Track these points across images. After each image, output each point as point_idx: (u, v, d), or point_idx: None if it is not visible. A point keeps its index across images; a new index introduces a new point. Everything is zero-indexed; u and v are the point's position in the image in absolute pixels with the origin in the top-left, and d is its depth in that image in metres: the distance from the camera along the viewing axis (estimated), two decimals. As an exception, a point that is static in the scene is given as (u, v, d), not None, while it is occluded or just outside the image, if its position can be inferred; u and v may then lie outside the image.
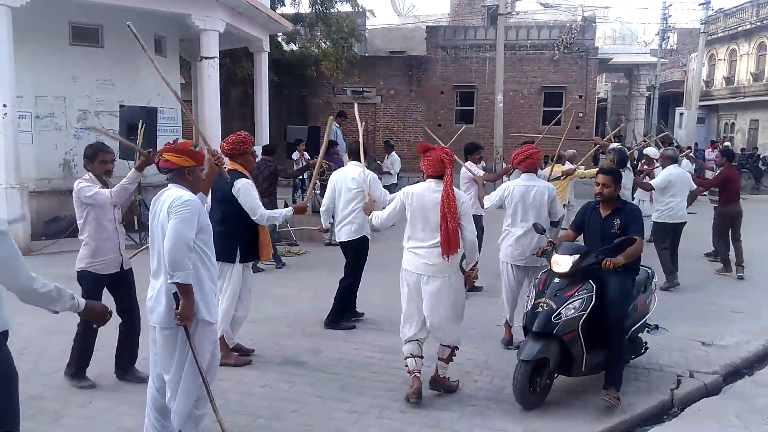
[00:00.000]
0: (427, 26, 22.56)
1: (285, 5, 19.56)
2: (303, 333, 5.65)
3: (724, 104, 30.88)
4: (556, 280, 4.36)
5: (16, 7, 8.41)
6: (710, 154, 20.03)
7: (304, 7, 19.53)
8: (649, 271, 5.00)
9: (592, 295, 4.23)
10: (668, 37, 29.46)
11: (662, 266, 7.64)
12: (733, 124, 30.56)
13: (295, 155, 13.27)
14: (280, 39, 19.21)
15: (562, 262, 4.34)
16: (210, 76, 10.69)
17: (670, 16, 28.50)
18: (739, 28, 28.89)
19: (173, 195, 3.23)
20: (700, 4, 24.20)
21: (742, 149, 25.13)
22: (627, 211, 4.55)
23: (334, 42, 19.15)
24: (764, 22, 27.08)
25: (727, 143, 23.98)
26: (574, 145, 17.58)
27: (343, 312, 5.90)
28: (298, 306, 6.35)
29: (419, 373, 4.30)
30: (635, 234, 4.42)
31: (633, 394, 4.50)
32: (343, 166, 10.34)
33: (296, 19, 18.97)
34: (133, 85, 10.97)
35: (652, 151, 10.33)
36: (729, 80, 30.34)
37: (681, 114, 31.37)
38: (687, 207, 8.01)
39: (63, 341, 5.19)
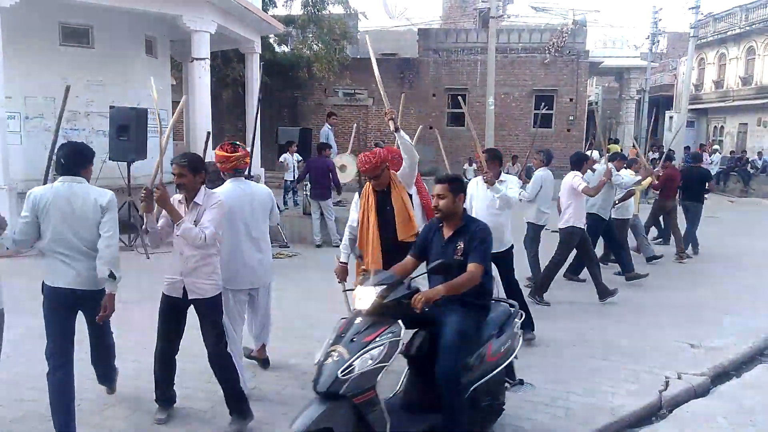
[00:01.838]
0: (419, 29, 22.64)
1: (277, 7, 19.57)
2: (293, 335, 5.63)
3: (713, 108, 31.12)
4: (358, 320, 3.28)
5: (5, 7, 8.36)
6: (706, 158, 20.23)
7: (296, 9, 19.56)
8: (511, 309, 3.99)
9: (398, 341, 3.20)
10: (658, 41, 29.61)
11: (621, 261, 8.15)
12: (722, 127, 30.80)
13: (283, 157, 13.28)
14: (271, 41, 19.19)
15: (364, 296, 3.31)
16: (201, 77, 10.67)
17: (660, 20, 28.68)
18: (729, 33, 29.11)
19: (261, 186, 4.54)
20: (689, 9, 24.37)
21: (731, 152, 25.35)
22: (472, 232, 3.60)
23: (326, 44, 19.16)
24: (753, 26, 27.32)
25: (716, 147, 24.22)
26: (565, 147, 17.70)
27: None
28: (287, 308, 6.33)
29: None
30: (475, 260, 3.49)
31: (622, 396, 4.52)
32: (334, 168, 10.41)
33: (288, 20, 18.97)
34: (123, 86, 10.92)
35: (596, 153, 10.93)
36: (718, 84, 30.58)
37: (671, 117, 31.57)
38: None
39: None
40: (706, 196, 10.30)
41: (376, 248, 4.43)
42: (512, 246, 5.78)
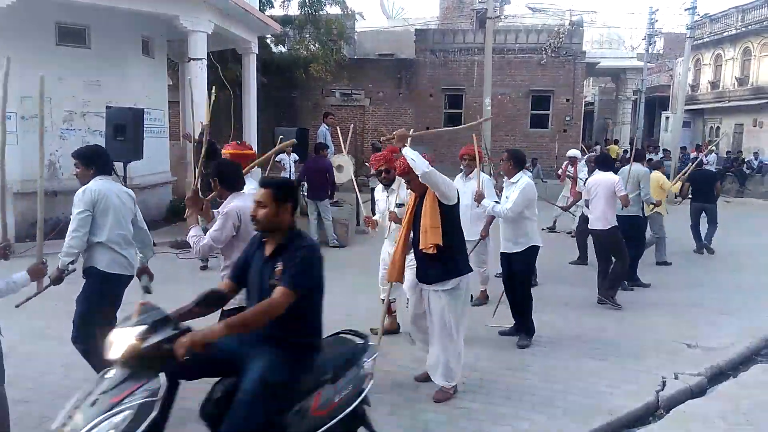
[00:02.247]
0: (416, 29, 22.61)
1: (274, 7, 19.52)
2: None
3: (710, 108, 31.21)
4: (111, 373, 2.61)
5: (1, 7, 8.33)
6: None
7: (293, 9, 19.50)
8: (359, 342, 3.33)
9: (154, 402, 2.51)
10: (655, 42, 29.67)
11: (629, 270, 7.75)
12: (718, 128, 30.89)
13: (280, 157, 13.23)
14: (268, 41, 19.15)
15: (119, 340, 2.60)
16: (198, 78, 10.63)
17: (656, 21, 28.76)
18: (725, 34, 29.21)
19: None
20: (686, 10, 24.42)
21: (727, 152, 25.42)
22: (292, 251, 2.89)
23: (323, 44, 19.12)
24: (749, 27, 27.42)
25: (712, 147, 24.27)
26: (561, 148, 17.72)
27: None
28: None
29: None
30: (283, 284, 2.78)
31: (619, 396, 4.53)
32: (331, 168, 10.41)
33: (285, 21, 18.93)
34: (120, 86, 10.89)
35: (575, 151, 10.99)
36: (714, 85, 30.66)
37: (667, 118, 31.64)
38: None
39: (48, 346, 5.15)
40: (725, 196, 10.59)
41: (398, 252, 4.43)
42: (528, 249, 5.54)
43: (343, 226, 10.43)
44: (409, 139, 4.45)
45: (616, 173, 7.30)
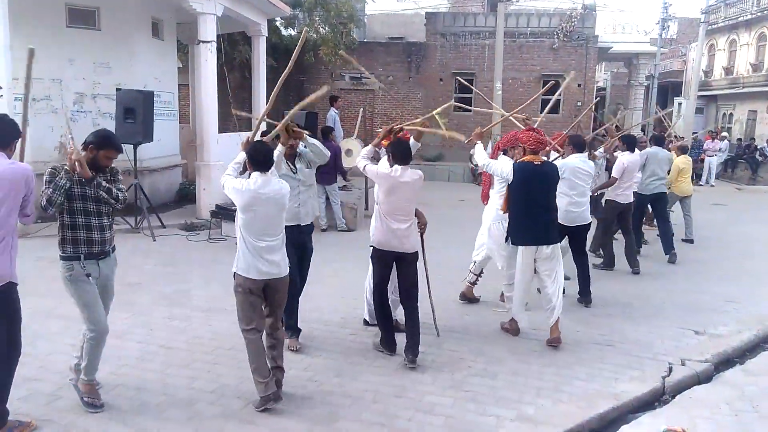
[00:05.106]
0: (426, 12, 22.42)
1: (283, -10, 19.41)
2: (299, 319, 5.66)
3: (723, 94, 30.85)
4: None
5: (11, -11, 8.33)
6: (708, 144, 20.06)
7: (304, -8, 19.38)
8: None
9: None
10: (668, 27, 29.27)
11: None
12: (731, 114, 30.55)
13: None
14: (278, 23, 19.08)
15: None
16: (207, 60, 10.60)
17: (670, 5, 28.35)
18: (740, 18, 28.77)
19: None
20: (700, -6, 24.08)
21: (739, 139, 25.15)
22: None
23: (333, 27, 19.02)
24: (765, 12, 26.98)
25: (724, 134, 24.02)
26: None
27: None
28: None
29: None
30: None
31: (625, 381, 4.54)
32: (339, 152, 10.40)
33: (295, 3, 18.81)
34: (129, 68, 10.89)
35: None
36: (728, 70, 30.28)
37: (680, 104, 31.32)
38: None
39: (58, 324, 5.22)
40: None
41: None
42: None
43: (351, 210, 10.44)
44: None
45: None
